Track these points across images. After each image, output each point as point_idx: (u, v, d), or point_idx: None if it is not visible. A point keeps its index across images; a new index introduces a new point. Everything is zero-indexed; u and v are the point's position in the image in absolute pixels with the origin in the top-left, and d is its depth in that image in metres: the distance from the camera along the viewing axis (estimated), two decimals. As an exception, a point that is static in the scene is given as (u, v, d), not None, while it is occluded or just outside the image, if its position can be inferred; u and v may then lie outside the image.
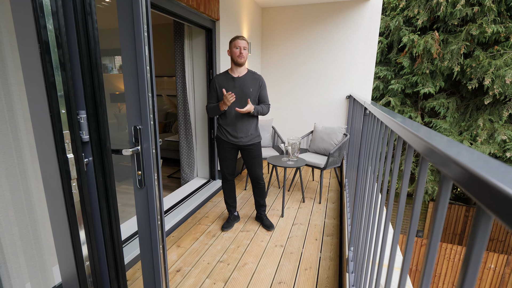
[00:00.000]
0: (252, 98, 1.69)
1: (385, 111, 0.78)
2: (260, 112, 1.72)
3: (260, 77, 1.73)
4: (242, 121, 1.71)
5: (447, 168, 0.28)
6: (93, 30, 0.65)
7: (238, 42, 1.62)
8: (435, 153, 0.31)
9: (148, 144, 0.75)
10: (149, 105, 0.74)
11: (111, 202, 0.73)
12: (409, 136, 0.43)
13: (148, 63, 0.73)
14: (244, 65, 1.70)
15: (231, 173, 1.85)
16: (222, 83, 1.69)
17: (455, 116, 4.37)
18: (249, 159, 1.78)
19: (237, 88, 1.67)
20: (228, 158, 1.79)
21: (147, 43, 0.72)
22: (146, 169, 0.77)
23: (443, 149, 0.30)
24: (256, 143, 1.78)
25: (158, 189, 0.83)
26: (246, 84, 1.68)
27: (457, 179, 0.26)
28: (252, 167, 1.80)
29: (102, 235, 0.72)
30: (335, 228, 1.98)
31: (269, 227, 1.90)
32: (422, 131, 0.41)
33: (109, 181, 0.72)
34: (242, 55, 1.62)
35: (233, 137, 1.73)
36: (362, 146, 1.23)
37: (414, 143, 0.41)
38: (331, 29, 3.24)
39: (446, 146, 0.31)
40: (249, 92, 1.68)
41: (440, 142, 0.32)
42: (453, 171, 0.27)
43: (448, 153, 0.28)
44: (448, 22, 4.19)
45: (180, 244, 1.73)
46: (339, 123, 3.44)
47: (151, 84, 0.75)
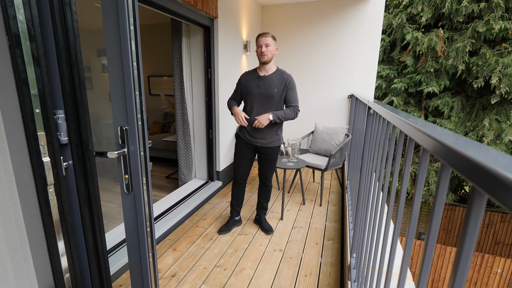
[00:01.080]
0: (276, 99, 1.58)
1: (391, 110, 0.72)
2: (283, 117, 1.58)
3: (289, 77, 1.59)
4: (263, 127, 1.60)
5: (480, 181, 0.22)
6: (72, 22, 0.60)
7: (259, 41, 1.53)
8: (461, 159, 0.25)
9: (136, 146, 0.70)
10: (136, 105, 0.69)
11: (94, 208, 0.68)
12: (425, 139, 0.37)
13: (135, 59, 0.68)
14: (271, 62, 1.58)
15: (242, 176, 1.77)
16: (246, 81, 1.63)
17: (460, 116, 4.27)
18: (264, 161, 1.72)
19: (261, 88, 1.57)
20: (243, 157, 1.72)
21: (134, 38, 0.67)
22: (133, 172, 0.72)
23: (473, 156, 0.24)
24: (275, 147, 1.68)
25: (147, 194, 0.77)
26: (271, 84, 1.56)
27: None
28: (264, 169, 1.74)
29: (85, 244, 0.66)
30: (337, 232, 1.92)
31: (268, 230, 1.84)
32: (439, 132, 0.35)
33: (92, 186, 0.67)
34: (265, 53, 1.52)
35: (251, 137, 1.65)
36: (365, 147, 1.16)
37: (431, 146, 0.35)
38: (333, 27, 3.17)
39: (475, 151, 0.25)
40: (273, 93, 1.56)
41: (468, 147, 0.26)
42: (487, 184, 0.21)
43: (479, 159, 0.22)
44: (453, 19, 4.09)
45: (176, 248, 1.69)
46: (341, 123, 3.37)
47: (139, 82, 0.69)
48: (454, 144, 0.27)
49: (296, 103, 1.62)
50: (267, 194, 1.84)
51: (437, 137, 0.32)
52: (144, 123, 0.73)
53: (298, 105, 1.63)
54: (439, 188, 0.35)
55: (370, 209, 1.00)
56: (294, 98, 1.61)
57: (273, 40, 1.55)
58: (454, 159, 0.26)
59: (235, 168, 1.77)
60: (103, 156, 0.69)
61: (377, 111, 0.88)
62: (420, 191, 0.48)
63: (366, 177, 1.16)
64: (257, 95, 1.58)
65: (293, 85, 1.61)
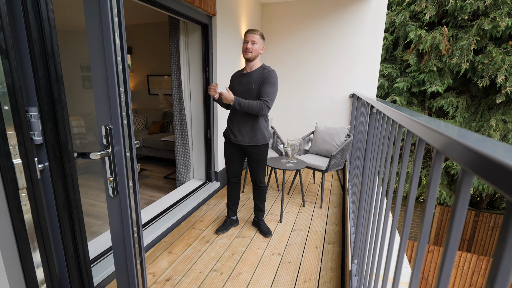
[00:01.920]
0: (254, 95, 1.53)
1: (396, 108, 0.66)
2: (245, 107, 1.49)
3: (269, 72, 1.51)
4: (244, 120, 1.58)
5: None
6: (47, 11, 0.55)
7: (246, 36, 1.50)
8: (487, 163, 0.20)
9: (120, 147, 0.65)
10: (120, 102, 0.64)
11: (74, 213, 0.63)
12: (439, 139, 0.32)
13: (120, 53, 0.63)
14: (256, 60, 1.54)
15: (235, 175, 1.75)
16: (233, 79, 1.64)
17: (465, 116, 4.18)
18: (252, 162, 1.67)
19: (242, 85, 1.57)
20: (232, 157, 1.70)
21: (118, 30, 0.62)
22: (118, 175, 0.67)
23: (503, 158, 0.18)
24: (260, 146, 1.62)
25: (134, 198, 0.73)
26: (251, 81, 1.54)
27: None
28: (254, 170, 1.69)
29: (64, 253, 0.62)
30: (337, 235, 1.86)
31: (267, 233, 1.79)
32: (456, 132, 0.29)
33: (72, 190, 0.62)
34: (250, 50, 1.48)
35: (234, 136, 1.63)
36: (368, 147, 1.11)
37: (446, 146, 0.29)
38: (334, 25, 3.11)
39: (503, 154, 0.20)
40: (252, 89, 1.53)
41: (495, 149, 0.21)
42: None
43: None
44: (458, 16, 4.00)
45: (172, 250, 1.64)
46: (342, 123, 3.30)
47: (124, 78, 0.64)
48: (482, 148, 0.21)
49: (267, 97, 1.50)
50: (262, 195, 1.79)
51: (460, 139, 0.26)
52: (131, 122, 0.68)
53: (268, 100, 1.50)
54: (459, 199, 0.30)
55: (372, 214, 0.95)
56: (266, 92, 1.50)
57: (261, 39, 1.52)
58: (483, 166, 0.21)
59: (226, 167, 1.75)
60: (85, 157, 0.65)
61: (380, 110, 0.82)
62: (433, 198, 0.42)
63: (368, 180, 1.10)
64: (239, 92, 1.57)
65: (270, 79, 1.50)
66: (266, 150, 1.67)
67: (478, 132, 4.06)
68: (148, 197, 2.52)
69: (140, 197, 2.52)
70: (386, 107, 0.70)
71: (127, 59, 0.64)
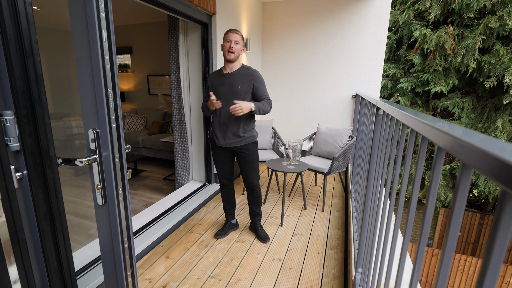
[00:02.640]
0: (241, 96, 1.50)
1: (404, 109, 0.61)
2: (262, 109, 1.50)
3: (254, 72, 1.53)
4: (231, 124, 1.52)
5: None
6: (24, 5, 0.50)
7: (229, 36, 1.45)
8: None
9: (109, 152, 0.60)
10: (108, 104, 0.59)
11: (58, 225, 0.59)
12: (462, 147, 0.26)
13: (107, 51, 0.58)
14: (237, 61, 1.52)
15: (227, 178, 1.70)
16: (213, 80, 1.57)
17: (471, 117, 4.09)
18: (242, 164, 1.61)
19: (226, 86, 1.51)
20: (221, 161, 1.65)
21: (105, 27, 0.57)
22: (107, 182, 0.62)
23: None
24: (250, 145, 1.58)
25: (125, 206, 0.68)
26: (236, 81, 1.50)
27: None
28: (246, 173, 1.63)
29: (46, 267, 0.57)
30: (340, 240, 1.81)
31: (264, 239, 1.74)
32: (477, 137, 0.24)
33: (55, 199, 0.58)
34: (232, 49, 1.44)
35: (221, 139, 1.56)
36: (373, 150, 1.05)
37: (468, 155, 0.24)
38: (337, 24, 3.05)
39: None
40: (238, 90, 1.49)
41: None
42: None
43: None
44: (464, 15, 3.91)
45: (170, 255, 1.60)
46: (345, 124, 3.24)
47: (112, 78, 0.60)
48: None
49: (267, 96, 1.55)
50: (257, 200, 1.71)
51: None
52: (120, 126, 0.63)
53: (269, 98, 1.56)
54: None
55: (379, 221, 0.89)
56: (264, 91, 1.54)
57: (242, 40, 1.51)
58: None
59: (217, 172, 1.69)
60: (70, 164, 0.60)
61: (389, 113, 0.77)
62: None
63: (374, 184, 1.04)
64: (222, 93, 1.51)
65: (260, 79, 1.53)
66: (256, 149, 1.62)
67: (484, 133, 3.96)
68: (147, 198, 2.49)
69: (139, 199, 2.48)
70: (396, 110, 0.64)
71: (116, 58, 0.59)
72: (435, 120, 0.40)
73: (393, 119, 0.80)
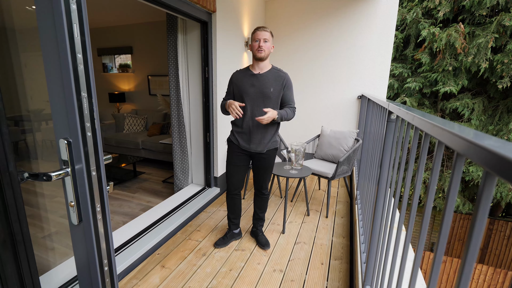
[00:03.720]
0: (273, 100, 1.43)
1: (422, 115, 0.52)
2: (285, 117, 1.44)
3: (286, 75, 1.46)
4: (258, 129, 1.45)
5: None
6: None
7: (257, 34, 1.38)
8: None
9: (83, 165, 0.53)
10: (82, 110, 0.51)
11: (21, 250, 0.51)
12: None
13: (80, 49, 0.50)
14: (266, 60, 1.44)
15: (237, 186, 1.59)
16: (240, 80, 1.45)
17: (482, 119, 3.93)
18: (259, 168, 1.56)
19: (256, 87, 1.42)
20: (237, 165, 1.54)
21: (78, 20, 0.49)
22: (81, 198, 0.55)
23: None
24: (272, 151, 1.53)
25: (104, 224, 0.60)
26: (267, 83, 1.42)
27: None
28: (260, 177, 1.58)
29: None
30: (345, 249, 1.71)
31: (265, 245, 1.66)
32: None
33: (17, 221, 0.50)
34: (262, 48, 1.37)
35: (245, 143, 1.49)
36: (385, 158, 0.96)
37: None
38: (342, 22, 2.94)
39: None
40: (269, 93, 1.41)
41: None
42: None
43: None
44: (475, 12, 3.76)
45: (165, 264, 1.52)
46: (349, 126, 3.13)
47: (87, 80, 0.52)
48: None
49: (294, 103, 1.52)
50: (265, 204, 1.66)
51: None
52: (97, 134, 0.56)
53: (295, 106, 1.52)
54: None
55: (393, 237, 0.80)
56: (291, 98, 1.50)
57: (271, 36, 1.42)
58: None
59: (227, 178, 1.59)
60: (38, 179, 0.52)
61: (405, 119, 0.67)
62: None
63: (385, 195, 0.95)
64: (252, 95, 1.42)
65: (291, 84, 1.48)
66: (275, 155, 1.57)
67: (496, 136, 3.80)
68: (145, 202, 2.42)
69: (137, 203, 2.42)
70: (416, 117, 0.55)
71: (91, 56, 0.51)
72: (479, 136, 0.31)
73: (408, 125, 0.71)
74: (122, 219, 2.12)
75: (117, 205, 2.37)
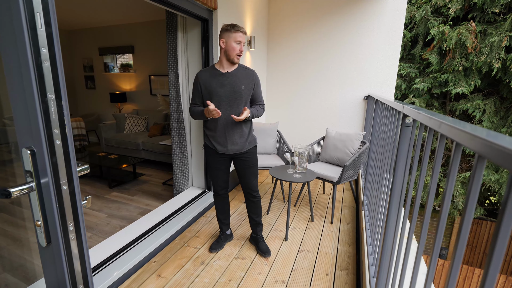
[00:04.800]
0: (244, 98, 1.39)
1: (463, 126, 0.42)
2: (256, 115, 1.44)
3: (254, 72, 1.44)
4: (233, 129, 1.41)
5: None
6: None
7: (238, 35, 1.30)
8: None
9: (48, 179, 0.45)
10: (48, 114, 0.44)
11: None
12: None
13: (45, 43, 0.43)
14: None
15: (223, 187, 1.57)
16: (208, 80, 1.38)
17: (494, 121, 3.77)
18: (242, 169, 1.50)
19: (227, 86, 1.36)
20: (218, 169, 1.51)
21: (42, 9, 0.42)
22: (49, 217, 0.47)
23: None
24: (251, 150, 1.50)
25: (78, 245, 0.52)
26: (238, 81, 1.37)
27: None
28: (246, 178, 1.52)
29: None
30: (351, 259, 1.62)
31: (265, 253, 1.59)
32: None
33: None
34: (241, 52, 1.34)
35: (222, 146, 1.44)
36: (399, 165, 0.87)
37: None
38: (348, 21, 2.84)
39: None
40: (241, 91, 1.37)
41: None
42: None
43: None
44: (488, 10, 3.60)
45: (162, 273, 1.45)
46: (355, 127, 3.02)
47: (55, 79, 0.44)
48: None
49: (262, 100, 1.51)
50: (257, 207, 1.59)
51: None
52: (69, 142, 0.48)
53: (263, 103, 1.53)
54: None
55: (416, 249, 0.71)
56: (260, 95, 1.49)
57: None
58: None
59: (212, 180, 1.56)
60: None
61: (428, 125, 0.58)
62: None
63: (400, 206, 0.86)
64: (223, 94, 1.36)
65: (259, 80, 1.47)
66: (256, 153, 1.55)
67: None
68: (144, 205, 2.36)
69: (135, 206, 2.36)
70: (444, 124, 0.46)
71: (60, 51, 0.43)
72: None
73: (430, 131, 0.62)
74: (119, 223, 2.06)
75: (115, 208, 2.31)
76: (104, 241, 1.57)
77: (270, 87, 3.34)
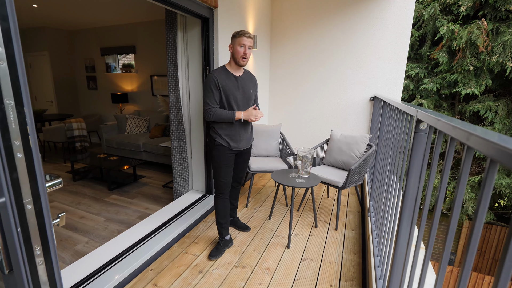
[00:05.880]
0: (253, 100, 1.58)
1: (496, 138, 0.35)
2: None
3: (254, 76, 1.63)
4: (245, 128, 1.57)
5: None
6: None
7: (243, 39, 1.40)
8: None
9: (6, 199, 0.39)
10: (7, 123, 0.38)
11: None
12: None
13: (0, 39, 0.37)
14: None
15: (229, 185, 1.60)
16: (224, 81, 1.45)
17: (506, 123, 3.62)
18: (241, 162, 1.67)
19: (241, 90, 1.49)
20: (229, 166, 1.58)
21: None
22: (8, 241, 0.41)
23: None
24: (251, 146, 1.71)
25: (48, 270, 0.46)
26: (248, 85, 1.53)
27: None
28: (241, 170, 1.70)
29: None
30: (356, 268, 1.53)
31: (246, 228, 1.82)
32: None
33: None
34: (247, 56, 1.42)
35: (235, 143, 1.56)
36: (411, 173, 0.79)
37: None
38: (354, 19, 2.74)
39: None
40: (251, 94, 1.54)
41: None
42: None
43: None
44: (500, 7, 3.46)
45: (158, 283, 1.39)
46: (361, 130, 2.92)
47: (13, 82, 0.38)
48: None
49: (257, 101, 1.67)
50: (238, 192, 1.81)
51: None
52: (34, 154, 0.41)
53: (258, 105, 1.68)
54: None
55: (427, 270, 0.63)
56: (257, 96, 1.67)
57: (253, 42, 1.58)
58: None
59: (221, 179, 1.56)
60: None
61: (451, 135, 0.50)
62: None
63: (412, 222, 0.78)
64: (240, 97, 1.49)
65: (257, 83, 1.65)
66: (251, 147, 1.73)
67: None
68: (143, 209, 2.31)
69: (134, 209, 2.31)
70: (474, 136, 0.38)
71: (20, 49, 0.36)
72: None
73: (452, 140, 0.54)
74: (117, 228, 2.01)
75: (113, 212, 2.27)
76: (99, 248, 1.52)
77: (273, 88, 3.26)
